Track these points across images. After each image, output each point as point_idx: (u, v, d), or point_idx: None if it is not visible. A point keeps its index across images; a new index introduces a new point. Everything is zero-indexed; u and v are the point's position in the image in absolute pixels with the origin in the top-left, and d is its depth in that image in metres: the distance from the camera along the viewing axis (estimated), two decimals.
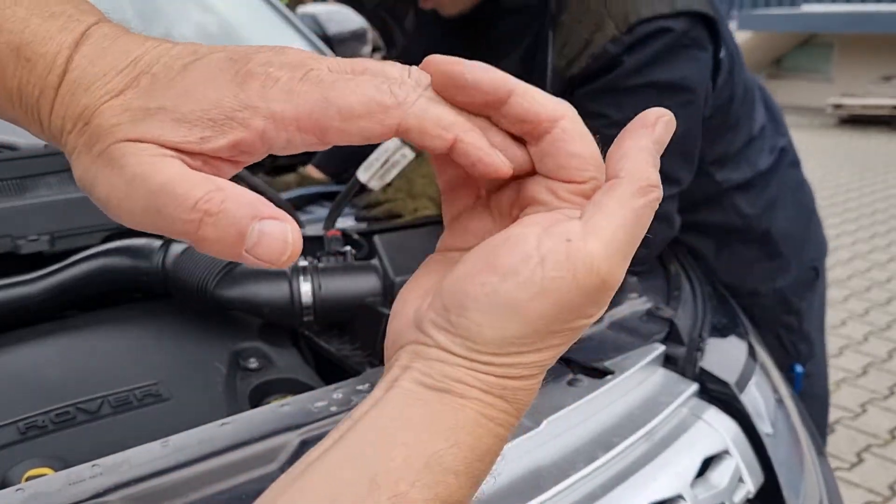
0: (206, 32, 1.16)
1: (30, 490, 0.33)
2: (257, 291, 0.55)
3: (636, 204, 0.17)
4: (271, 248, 0.16)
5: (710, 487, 0.44)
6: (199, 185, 0.16)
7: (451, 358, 0.18)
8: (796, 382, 0.79)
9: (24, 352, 0.52)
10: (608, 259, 0.17)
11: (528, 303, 0.17)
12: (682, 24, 0.58)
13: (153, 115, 0.17)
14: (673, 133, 0.69)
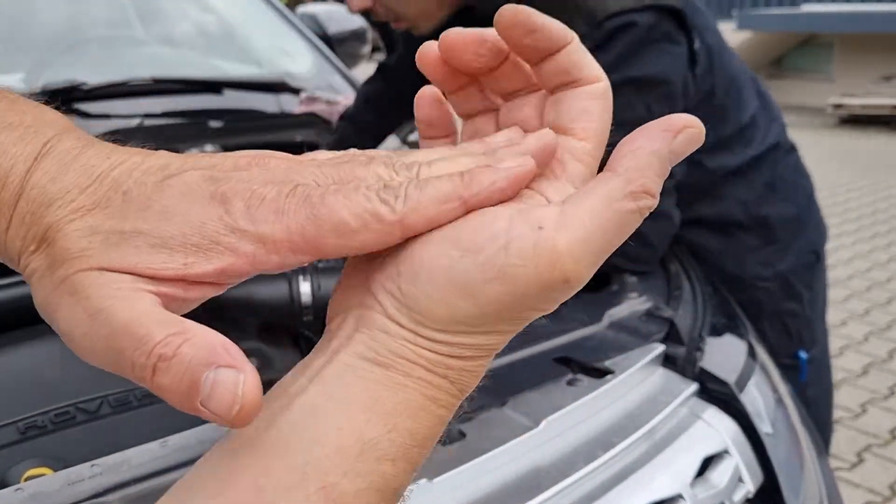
0: (207, 32, 1.16)
1: (29, 490, 0.33)
2: (257, 291, 0.55)
3: (624, 207, 0.16)
4: (221, 400, 0.14)
5: (710, 487, 0.44)
6: (162, 325, 0.15)
7: (396, 329, 0.16)
8: (802, 370, 0.78)
9: (23, 352, 0.52)
10: (576, 259, 0.15)
11: (483, 285, 0.15)
12: (648, 17, 0.58)
13: (128, 240, 0.15)
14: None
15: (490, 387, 0.45)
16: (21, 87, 0.87)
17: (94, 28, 1.04)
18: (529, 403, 0.42)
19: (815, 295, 0.80)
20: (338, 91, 1.07)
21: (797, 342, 0.79)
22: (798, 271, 0.77)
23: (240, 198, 0.16)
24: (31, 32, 0.97)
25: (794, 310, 0.78)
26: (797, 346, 0.79)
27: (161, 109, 0.89)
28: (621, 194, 0.16)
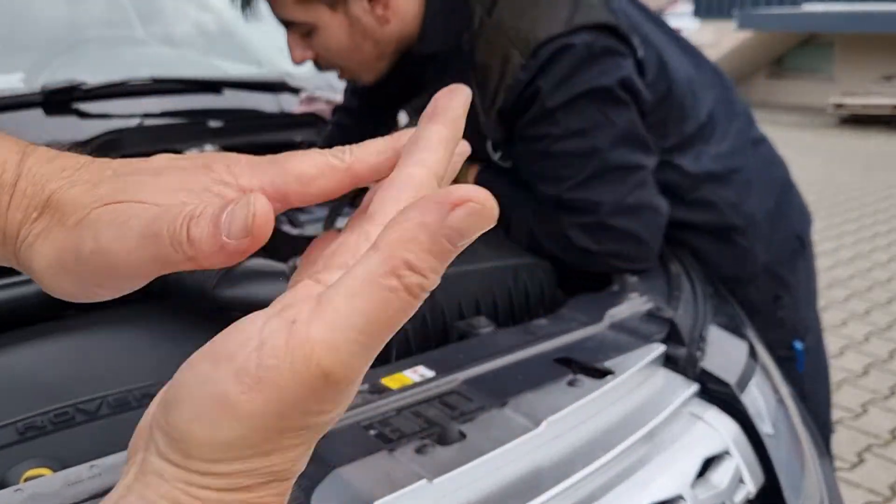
0: (206, 32, 1.16)
1: (28, 491, 0.33)
2: (257, 292, 0.55)
3: (385, 285, 0.14)
4: (237, 222, 0.16)
5: (711, 488, 0.44)
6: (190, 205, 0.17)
7: (170, 470, 0.14)
8: (799, 360, 0.78)
9: (22, 352, 0.52)
10: (333, 349, 0.13)
11: (242, 395, 0.14)
12: (583, 37, 0.59)
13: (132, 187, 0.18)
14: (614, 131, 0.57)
15: (490, 387, 0.45)
16: (21, 87, 0.86)
17: (94, 28, 1.03)
18: (530, 404, 0.42)
19: (800, 281, 0.80)
20: (337, 91, 1.07)
21: (791, 332, 0.79)
22: (783, 260, 0.77)
23: (220, 162, 0.19)
24: (30, 32, 0.97)
25: (783, 300, 0.78)
26: (791, 335, 0.79)
27: (160, 109, 0.89)
28: (381, 271, 0.14)
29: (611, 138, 0.61)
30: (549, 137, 0.60)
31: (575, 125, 0.60)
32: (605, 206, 0.62)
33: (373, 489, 0.34)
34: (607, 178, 0.62)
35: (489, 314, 0.59)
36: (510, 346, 0.50)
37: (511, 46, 0.59)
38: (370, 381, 0.44)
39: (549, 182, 0.63)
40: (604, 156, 0.61)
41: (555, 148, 0.60)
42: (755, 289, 0.76)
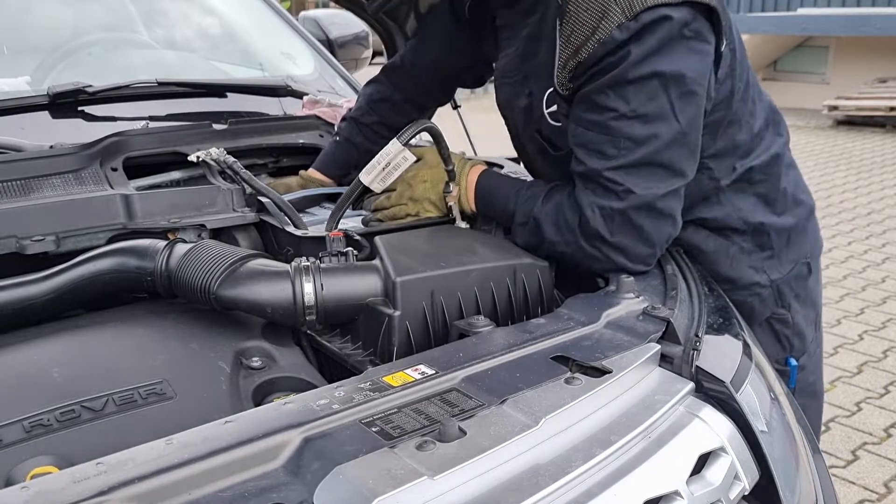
0: (210, 35, 1.16)
1: (35, 488, 0.34)
2: (260, 292, 0.56)
3: None
4: None
5: (707, 484, 0.45)
6: None
7: None
8: (791, 376, 0.80)
9: (29, 351, 0.53)
10: None
11: None
12: (684, 13, 0.59)
13: None
14: (676, 128, 0.59)
15: (490, 385, 0.46)
16: (27, 90, 0.87)
17: (99, 31, 1.04)
18: (528, 402, 0.43)
19: (806, 305, 0.81)
20: (340, 94, 1.08)
21: (787, 348, 0.81)
22: (790, 281, 0.79)
23: None
24: (37, 36, 0.98)
25: (784, 317, 0.79)
26: (787, 352, 0.81)
27: (165, 112, 0.89)
28: None
29: (671, 134, 0.61)
30: (614, 112, 0.60)
31: (643, 108, 0.59)
32: (636, 198, 0.61)
33: (374, 485, 0.34)
34: (650, 173, 0.61)
35: (488, 313, 0.60)
36: (509, 345, 0.50)
37: (613, 3, 0.58)
38: (371, 379, 0.45)
39: (594, 155, 0.62)
40: (658, 149, 0.61)
41: (615, 124, 0.60)
42: (757, 300, 0.77)
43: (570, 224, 0.65)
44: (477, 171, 0.73)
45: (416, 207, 0.74)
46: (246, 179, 0.76)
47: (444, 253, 0.64)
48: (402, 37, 1.06)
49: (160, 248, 0.60)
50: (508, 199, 0.69)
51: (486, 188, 0.72)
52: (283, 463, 0.37)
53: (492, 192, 0.71)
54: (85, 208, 0.66)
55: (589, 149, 0.63)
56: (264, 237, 0.76)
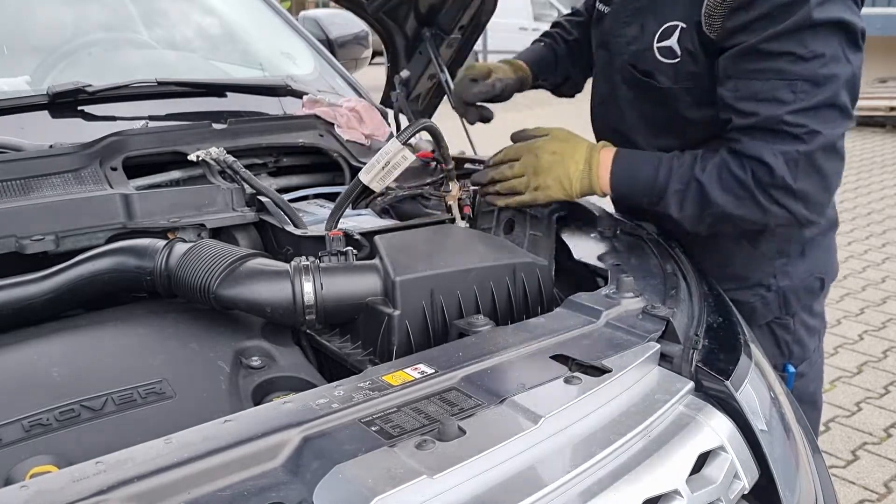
0: (210, 35, 1.16)
1: (34, 487, 0.34)
2: (259, 291, 0.55)
3: None
4: None
5: (706, 483, 0.45)
6: None
7: None
8: (788, 382, 0.80)
9: (28, 350, 0.53)
10: None
11: None
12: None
13: None
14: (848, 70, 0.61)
15: (489, 384, 0.46)
16: (27, 89, 0.87)
17: (99, 31, 1.04)
18: (528, 401, 0.43)
19: (813, 316, 0.80)
20: (340, 94, 1.08)
21: (786, 354, 0.80)
22: (799, 291, 0.78)
23: None
24: (37, 36, 0.98)
25: (786, 323, 0.79)
26: (786, 358, 0.80)
27: (165, 112, 0.89)
28: None
29: (846, 76, 0.61)
30: (790, 56, 0.60)
31: (821, 49, 0.59)
32: (822, 138, 0.60)
33: (374, 484, 0.34)
34: (829, 114, 0.61)
35: (488, 313, 0.60)
36: (509, 344, 0.50)
37: None
38: (371, 379, 0.45)
39: (768, 103, 0.61)
40: (836, 90, 0.60)
41: (793, 68, 0.60)
42: (761, 302, 0.77)
43: (740, 180, 0.63)
44: (609, 150, 0.70)
45: (538, 181, 0.69)
46: (246, 179, 0.76)
47: (443, 252, 0.64)
48: (402, 37, 1.06)
49: (160, 248, 0.60)
50: (657, 169, 0.67)
51: (625, 164, 0.69)
52: (282, 462, 0.37)
53: (633, 166, 0.69)
54: (84, 208, 0.66)
55: (759, 98, 0.62)
56: (264, 237, 0.76)
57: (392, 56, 1.08)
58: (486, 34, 6.31)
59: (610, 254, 0.71)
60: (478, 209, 0.80)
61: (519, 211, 0.76)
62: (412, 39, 1.05)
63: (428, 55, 1.01)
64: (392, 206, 0.81)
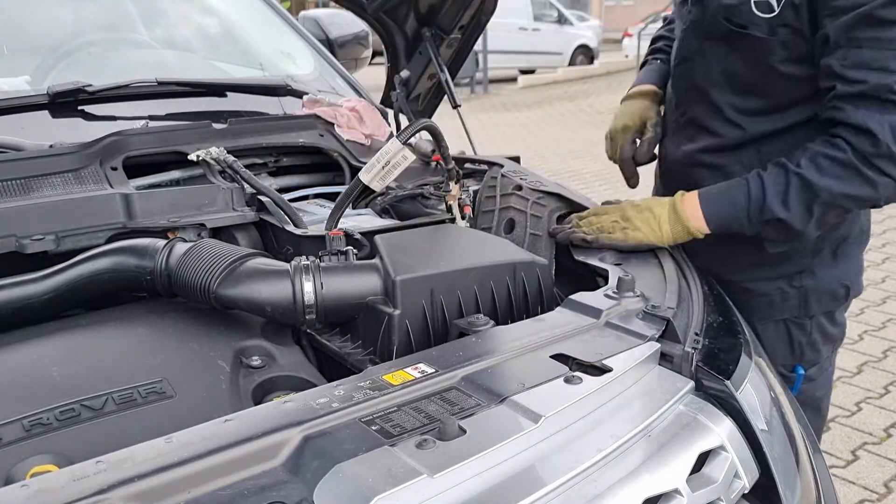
0: (209, 35, 1.16)
1: (34, 486, 0.34)
2: (260, 291, 0.55)
3: None
4: None
5: (707, 482, 0.45)
6: None
7: None
8: (795, 384, 0.79)
9: (29, 350, 0.53)
10: None
11: None
12: None
13: None
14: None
15: (490, 384, 0.46)
16: (27, 89, 0.87)
17: (99, 31, 1.04)
18: (528, 401, 0.43)
19: (831, 323, 0.79)
20: (340, 94, 1.08)
21: (797, 356, 0.79)
22: (822, 295, 0.77)
23: None
24: (37, 36, 0.98)
25: (803, 325, 0.78)
26: (796, 360, 0.79)
27: (165, 112, 0.89)
28: None
29: None
30: None
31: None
32: None
33: (374, 484, 0.34)
34: None
35: (488, 312, 0.60)
36: (509, 344, 0.50)
37: None
38: (371, 378, 0.45)
39: (877, 72, 0.62)
40: None
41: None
42: (780, 297, 0.76)
43: (839, 160, 0.63)
44: (690, 193, 0.70)
45: (627, 224, 0.70)
46: (246, 179, 0.76)
47: (443, 252, 0.64)
48: (402, 37, 1.06)
49: (160, 248, 0.60)
50: (747, 184, 0.67)
51: (712, 193, 0.69)
52: (282, 461, 0.37)
53: (721, 192, 0.69)
54: (85, 207, 0.66)
55: (870, 67, 0.62)
56: (264, 236, 0.76)
57: (392, 56, 1.08)
58: (486, 34, 6.31)
59: (610, 253, 0.71)
60: (478, 209, 0.80)
61: (519, 211, 0.76)
62: (412, 39, 1.05)
63: (428, 55, 1.01)
64: (392, 205, 0.82)
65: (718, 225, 0.70)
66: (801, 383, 0.80)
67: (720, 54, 0.73)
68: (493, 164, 0.87)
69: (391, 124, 1.04)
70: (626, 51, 8.94)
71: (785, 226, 0.67)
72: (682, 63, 0.79)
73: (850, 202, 0.66)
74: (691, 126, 0.78)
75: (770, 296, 0.77)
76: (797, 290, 0.77)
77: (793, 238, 0.69)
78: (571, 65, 8.76)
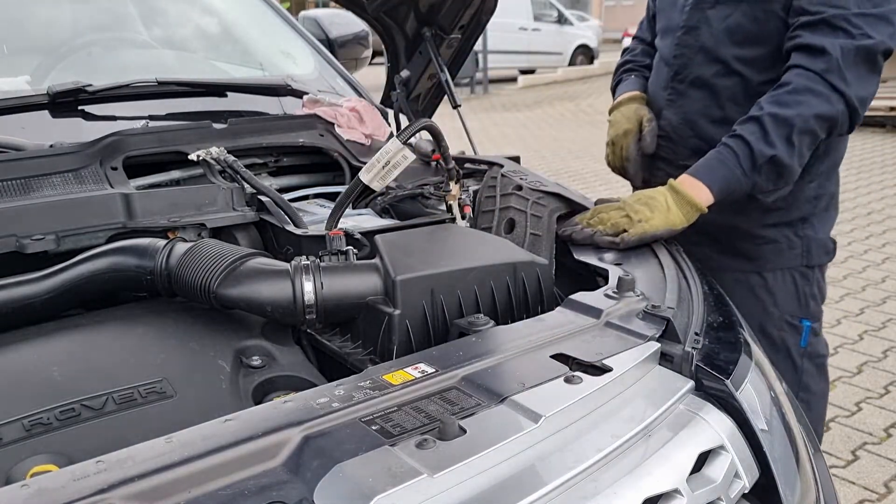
0: (209, 35, 1.16)
1: (35, 486, 0.34)
2: (260, 290, 0.55)
3: None
4: None
5: (707, 482, 0.45)
6: None
7: None
8: (804, 335, 0.86)
9: (29, 350, 0.53)
10: None
11: None
12: None
13: None
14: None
15: (490, 384, 0.46)
16: (27, 89, 0.87)
17: (99, 31, 1.04)
18: (528, 400, 0.43)
19: (825, 284, 0.89)
20: (340, 94, 1.08)
21: (803, 308, 0.88)
22: (818, 247, 0.87)
23: None
24: (37, 35, 0.98)
25: (808, 275, 0.87)
26: (802, 312, 0.88)
27: (165, 111, 0.89)
28: None
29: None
30: None
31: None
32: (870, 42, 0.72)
33: (374, 483, 0.34)
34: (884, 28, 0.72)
35: (488, 312, 0.60)
36: (509, 344, 0.50)
37: None
38: (371, 378, 0.45)
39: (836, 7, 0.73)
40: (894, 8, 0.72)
41: None
42: (787, 246, 0.85)
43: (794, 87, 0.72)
44: (683, 175, 0.76)
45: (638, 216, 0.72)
46: (246, 178, 0.76)
47: (444, 251, 0.64)
48: (402, 37, 1.06)
49: (160, 247, 0.60)
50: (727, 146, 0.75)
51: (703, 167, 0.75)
52: (282, 461, 0.37)
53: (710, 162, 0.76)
54: (85, 207, 0.66)
55: (830, 3, 0.73)
56: (264, 236, 0.76)
57: (392, 56, 1.08)
58: (486, 34, 6.31)
59: (610, 253, 0.71)
60: (478, 209, 0.80)
61: (519, 210, 0.77)
62: (412, 39, 1.05)
63: (428, 55, 1.01)
64: (392, 205, 0.82)
65: (721, 188, 0.75)
66: (808, 336, 0.87)
67: (724, 16, 0.82)
68: (493, 164, 0.87)
69: (391, 124, 1.04)
70: None
71: (776, 164, 0.74)
72: (686, 33, 0.87)
73: (818, 123, 0.74)
74: (692, 87, 0.86)
75: (779, 242, 0.85)
76: (800, 239, 0.85)
77: (782, 178, 0.75)
78: (571, 65, 8.79)
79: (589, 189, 3.48)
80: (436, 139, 0.74)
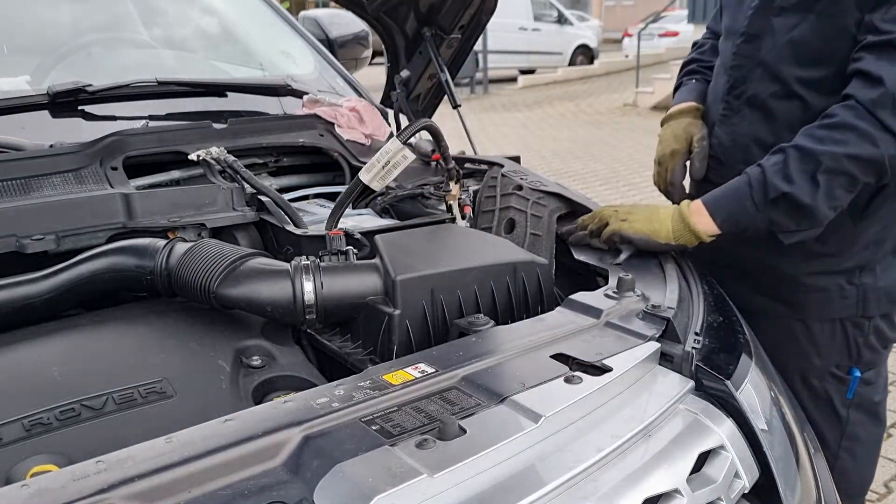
0: (209, 35, 1.16)
1: (35, 486, 0.34)
2: (260, 290, 0.55)
3: None
4: None
5: (707, 482, 0.45)
6: None
7: None
8: (851, 386, 0.75)
9: (29, 350, 0.53)
10: None
11: None
12: None
13: None
14: None
15: (490, 384, 0.46)
16: (27, 89, 0.87)
17: (99, 31, 1.04)
18: (528, 400, 0.43)
19: (891, 330, 0.76)
20: (340, 94, 1.08)
21: (854, 357, 0.75)
22: (881, 296, 0.74)
23: None
24: (37, 36, 0.98)
25: (861, 325, 0.74)
26: (853, 362, 0.75)
27: (165, 111, 0.89)
28: None
29: None
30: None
31: None
32: None
33: (374, 483, 0.34)
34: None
35: (488, 312, 0.60)
36: (509, 344, 0.50)
37: None
38: (371, 378, 0.45)
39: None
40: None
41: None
42: (838, 295, 0.72)
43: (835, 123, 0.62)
44: (695, 201, 0.69)
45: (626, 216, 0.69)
46: (246, 178, 0.76)
47: (443, 251, 0.64)
48: (402, 37, 1.06)
49: (160, 247, 0.60)
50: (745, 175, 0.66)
51: (715, 194, 0.68)
52: (282, 461, 0.37)
53: (723, 190, 0.68)
54: (85, 207, 0.66)
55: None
56: (264, 236, 0.76)
57: (392, 56, 1.08)
58: (486, 34, 6.31)
59: (610, 253, 0.71)
60: (478, 209, 0.80)
61: (519, 210, 0.76)
62: (412, 39, 1.05)
63: (428, 55, 1.01)
64: (392, 205, 0.81)
65: (725, 220, 0.67)
66: (857, 386, 0.75)
67: (789, 26, 0.71)
68: (493, 164, 0.87)
69: (391, 124, 1.04)
70: (626, 51, 8.96)
71: (792, 202, 0.64)
72: (747, 41, 0.75)
73: (854, 165, 0.63)
74: (747, 106, 0.75)
75: (828, 291, 0.73)
76: (856, 287, 0.72)
77: (805, 218, 0.65)
78: (571, 65, 8.77)
79: (589, 189, 3.48)
80: (436, 139, 0.74)
